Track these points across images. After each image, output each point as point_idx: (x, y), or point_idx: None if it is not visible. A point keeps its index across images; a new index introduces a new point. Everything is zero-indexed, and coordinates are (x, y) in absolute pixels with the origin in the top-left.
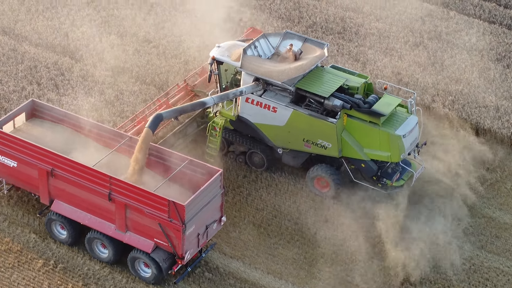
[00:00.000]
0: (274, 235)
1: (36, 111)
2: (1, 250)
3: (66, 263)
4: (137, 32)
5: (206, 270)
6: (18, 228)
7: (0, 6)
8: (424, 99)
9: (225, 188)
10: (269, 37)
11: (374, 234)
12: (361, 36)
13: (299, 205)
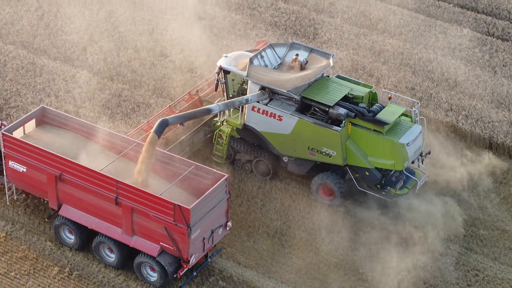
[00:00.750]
0: (288, 245)
1: (46, 117)
2: (17, 257)
3: (81, 271)
4: (154, 47)
5: (220, 278)
6: (34, 236)
7: (19, 22)
8: (437, 113)
9: (231, 193)
10: (275, 47)
11: (387, 245)
12: (375, 52)
13: (312, 216)
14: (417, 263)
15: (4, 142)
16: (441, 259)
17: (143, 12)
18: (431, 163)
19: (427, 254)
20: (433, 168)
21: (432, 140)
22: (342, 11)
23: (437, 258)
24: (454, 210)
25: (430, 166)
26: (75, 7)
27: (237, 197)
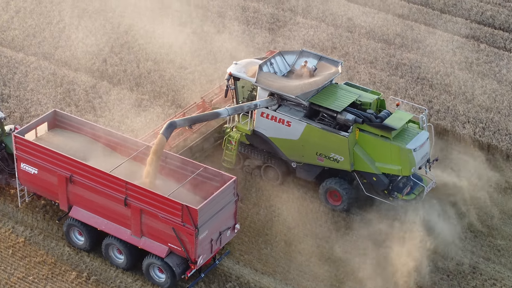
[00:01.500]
0: (305, 253)
1: (58, 121)
2: (36, 262)
3: (99, 276)
4: (173, 59)
5: (238, 285)
6: (53, 241)
7: (41, 34)
8: (454, 126)
9: (239, 196)
10: (285, 54)
11: (401, 253)
12: (392, 66)
13: (329, 225)
14: (435, 272)
15: (16, 144)
16: (457, 268)
17: (162, 25)
18: (448, 171)
19: (445, 262)
20: (450, 177)
21: (451, 150)
22: (360, 26)
23: (454, 267)
24: (472, 220)
25: (447, 175)
26: (96, 20)
27: (254, 205)
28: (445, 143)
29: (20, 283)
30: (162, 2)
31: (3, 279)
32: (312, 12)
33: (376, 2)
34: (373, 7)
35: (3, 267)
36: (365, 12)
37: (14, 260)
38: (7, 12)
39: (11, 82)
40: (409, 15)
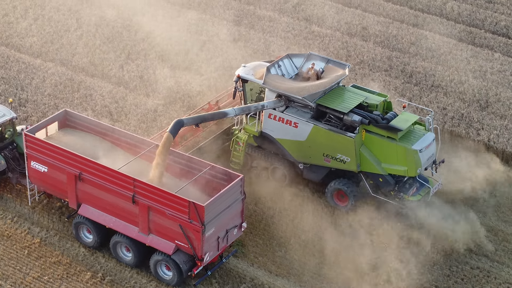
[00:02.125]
0: (319, 255)
1: (68, 120)
2: (51, 262)
3: (113, 276)
4: (189, 66)
5: (252, 286)
6: (68, 242)
7: (59, 41)
8: (469, 132)
9: (246, 194)
10: (293, 57)
11: (416, 257)
12: (407, 74)
13: (344, 228)
14: (449, 275)
15: (26, 142)
16: (472, 272)
17: (179, 33)
18: (461, 176)
19: (459, 266)
20: (464, 182)
21: (466, 157)
22: (374, 35)
23: (468, 271)
24: (487, 223)
25: (462, 182)
26: (113, 27)
27: (269, 209)
28: (460, 149)
29: (36, 283)
30: (179, 11)
31: (19, 279)
32: (327, 22)
33: (390, 12)
34: (388, 16)
35: (18, 267)
36: (379, 22)
37: (30, 260)
38: (26, 20)
39: (29, 87)
40: (423, 24)
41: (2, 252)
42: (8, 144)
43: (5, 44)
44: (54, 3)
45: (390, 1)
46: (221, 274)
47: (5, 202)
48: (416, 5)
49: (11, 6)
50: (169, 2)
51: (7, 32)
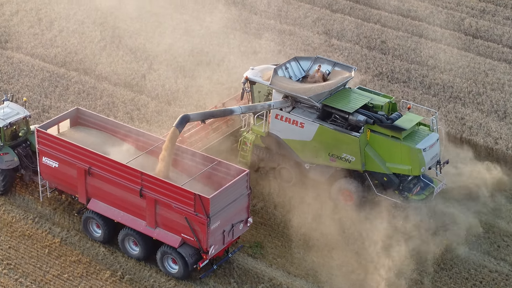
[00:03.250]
0: (338, 257)
1: (80, 118)
2: (71, 261)
3: (133, 275)
4: (210, 76)
5: (270, 286)
6: (88, 242)
7: (83, 51)
8: (487, 141)
9: (251, 189)
10: (300, 60)
11: (438, 259)
12: (425, 85)
13: (363, 231)
14: (468, 278)
15: (38, 138)
16: (490, 275)
17: (201, 45)
18: (479, 182)
19: (477, 269)
20: (481, 188)
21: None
22: (393, 48)
23: (487, 274)
24: (504, 228)
25: (478, 186)
26: (136, 39)
27: (288, 212)
28: (477, 157)
29: (55, 281)
30: (200, 25)
31: (39, 276)
32: (346, 35)
33: (409, 28)
34: (406, 31)
35: (39, 265)
36: (398, 36)
37: (50, 258)
38: (51, 32)
39: (52, 95)
40: (442, 39)
41: (23, 251)
42: (21, 142)
43: (30, 54)
44: (79, 16)
45: (408, 17)
46: (240, 274)
47: (27, 203)
48: (434, 21)
49: (36, 18)
50: (191, 15)
51: (32, 43)
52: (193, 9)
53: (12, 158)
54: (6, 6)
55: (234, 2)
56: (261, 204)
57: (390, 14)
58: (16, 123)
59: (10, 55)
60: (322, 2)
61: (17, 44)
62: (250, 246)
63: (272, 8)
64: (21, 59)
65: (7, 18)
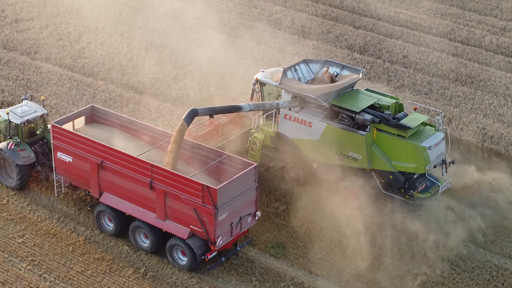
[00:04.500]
0: (359, 259)
1: (95, 116)
2: (95, 258)
3: (155, 272)
4: (234, 86)
5: (292, 284)
6: (112, 240)
7: (110, 62)
8: (508, 150)
9: (259, 183)
10: (309, 63)
11: (459, 262)
12: (447, 97)
13: (383, 234)
14: (489, 280)
15: (53, 133)
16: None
17: (225, 58)
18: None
19: (499, 271)
20: None
21: None
22: (415, 62)
23: (509, 276)
24: None
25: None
26: (163, 52)
27: (310, 215)
28: (499, 166)
29: (79, 277)
30: (226, 38)
31: (62, 272)
32: (369, 50)
33: (430, 44)
34: (428, 47)
35: (63, 262)
36: (420, 51)
37: (74, 256)
38: (79, 44)
39: (80, 102)
40: (463, 54)
41: (47, 248)
42: (38, 140)
43: (59, 64)
44: (107, 30)
45: (430, 34)
46: (261, 273)
47: (52, 203)
48: (455, 38)
49: (65, 31)
50: (216, 29)
51: (61, 54)
52: (218, 23)
53: (29, 155)
54: (36, 20)
55: (259, 18)
56: (283, 207)
57: (412, 31)
58: (34, 120)
59: (39, 65)
60: (345, 19)
61: (46, 55)
62: (272, 246)
63: (296, 25)
64: (50, 69)
65: (37, 31)
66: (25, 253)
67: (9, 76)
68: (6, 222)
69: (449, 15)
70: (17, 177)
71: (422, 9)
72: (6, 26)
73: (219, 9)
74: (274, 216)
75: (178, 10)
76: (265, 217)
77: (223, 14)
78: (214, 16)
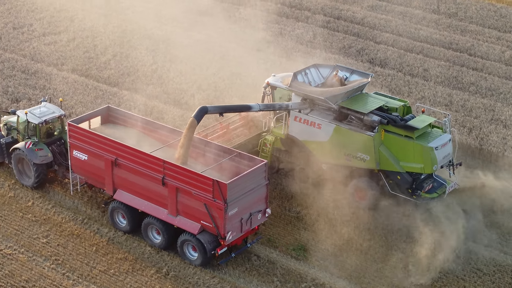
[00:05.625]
0: (381, 261)
1: (111, 116)
2: (118, 258)
3: (177, 272)
4: (258, 97)
5: (313, 285)
6: (135, 241)
7: (135, 73)
8: None
9: (269, 180)
10: (320, 67)
11: (480, 265)
12: (467, 108)
13: (403, 236)
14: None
15: (69, 132)
16: None
17: (248, 70)
18: None
19: None
20: None
21: None
22: (435, 76)
23: None
24: None
25: None
26: (186, 64)
27: (331, 219)
28: None
29: (101, 275)
30: (248, 53)
31: (85, 271)
32: (389, 64)
33: (450, 58)
34: (448, 61)
35: (86, 261)
36: (440, 65)
37: (97, 256)
38: (105, 56)
39: None
40: (483, 69)
41: (71, 248)
42: (56, 140)
43: (85, 75)
44: (132, 43)
45: (450, 49)
46: (283, 274)
47: (76, 205)
48: (475, 53)
49: (92, 44)
50: (238, 44)
51: (87, 65)
52: (241, 38)
53: (46, 154)
54: (63, 34)
55: (281, 33)
56: (305, 212)
57: (432, 46)
58: (51, 121)
59: (65, 76)
60: (366, 34)
61: (72, 66)
62: (294, 248)
63: (317, 39)
64: (76, 79)
65: (64, 44)
66: (49, 253)
67: (36, 85)
68: (31, 223)
69: (468, 32)
70: (34, 175)
71: (442, 26)
72: (34, 39)
73: (242, 25)
74: (296, 220)
75: (201, 25)
76: (286, 220)
77: (246, 29)
78: (237, 31)
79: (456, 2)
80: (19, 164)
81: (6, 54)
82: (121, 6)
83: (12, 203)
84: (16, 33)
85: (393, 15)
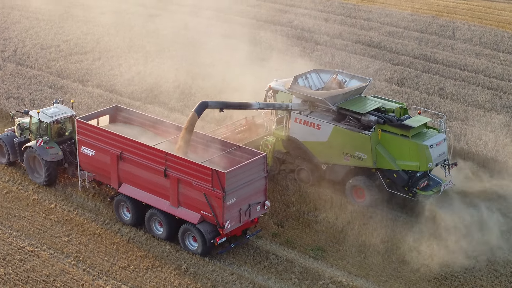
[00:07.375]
0: (398, 261)
1: (119, 115)
2: (138, 255)
3: (196, 269)
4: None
5: (331, 282)
6: (155, 241)
7: (158, 89)
8: None
9: (268, 173)
10: (320, 72)
11: (497, 266)
12: (483, 123)
13: (421, 237)
14: None
15: (78, 128)
16: None
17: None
18: None
19: None
20: None
21: None
22: (451, 94)
23: None
24: None
25: None
26: (209, 81)
27: (349, 223)
28: None
29: (121, 271)
30: (268, 72)
31: (106, 267)
32: (406, 83)
33: (466, 78)
34: (463, 81)
35: (106, 258)
36: (456, 84)
37: (118, 253)
38: (129, 73)
39: None
40: (498, 88)
41: (92, 246)
42: (66, 139)
43: (110, 90)
44: (155, 63)
45: (465, 70)
46: (301, 271)
47: (98, 208)
48: (490, 74)
49: (117, 63)
50: (259, 64)
51: (111, 81)
52: (261, 58)
53: (57, 152)
54: (89, 54)
55: (301, 55)
56: (323, 215)
57: (448, 68)
58: (62, 121)
59: (90, 91)
60: (383, 57)
61: (97, 82)
62: (312, 249)
63: (336, 60)
64: (100, 94)
65: (90, 62)
66: (70, 250)
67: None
68: (53, 223)
69: (483, 55)
70: (45, 173)
71: (457, 50)
72: (61, 59)
73: (263, 47)
74: (314, 223)
75: (224, 46)
76: (304, 223)
77: (266, 51)
78: (258, 52)
79: (471, 29)
80: (30, 162)
81: (33, 71)
82: (147, 30)
83: (35, 205)
84: (44, 53)
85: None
